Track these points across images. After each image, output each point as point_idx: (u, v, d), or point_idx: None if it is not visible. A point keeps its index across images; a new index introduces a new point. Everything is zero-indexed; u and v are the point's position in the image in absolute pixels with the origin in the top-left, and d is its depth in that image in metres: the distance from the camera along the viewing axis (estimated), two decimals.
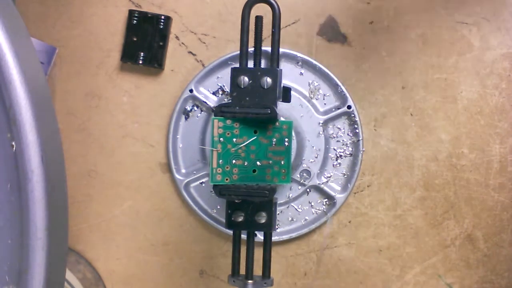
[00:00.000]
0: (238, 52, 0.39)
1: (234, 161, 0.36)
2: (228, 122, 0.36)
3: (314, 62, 0.47)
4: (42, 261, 0.26)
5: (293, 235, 0.48)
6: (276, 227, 0.47)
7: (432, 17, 0.48)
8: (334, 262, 0.48)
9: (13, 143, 0.26)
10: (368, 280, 0.48)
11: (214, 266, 0.49)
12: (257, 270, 0.38)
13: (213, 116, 0.36)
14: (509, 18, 0.48)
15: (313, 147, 0.47)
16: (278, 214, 0.48)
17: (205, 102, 0.48)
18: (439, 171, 0.48)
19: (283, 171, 0.37)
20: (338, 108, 0.47)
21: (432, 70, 0.48)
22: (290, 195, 0.48)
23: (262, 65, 0.41)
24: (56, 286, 0.28)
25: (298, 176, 0.47)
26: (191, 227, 0.49)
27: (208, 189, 0.48)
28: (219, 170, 0.36)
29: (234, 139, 0.36)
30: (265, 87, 0.37)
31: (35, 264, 0.26)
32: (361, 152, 0.47)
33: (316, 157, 0.47)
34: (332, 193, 0.47)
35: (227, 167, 0.36)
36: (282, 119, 0.37)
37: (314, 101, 0.48)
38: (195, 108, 0.48)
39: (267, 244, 0.39)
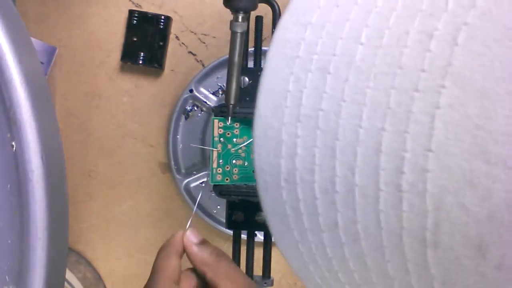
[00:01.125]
0: None
1: (234, 161, 0.36)
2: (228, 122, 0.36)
3: None
4: (42, 261, 0.26)
5: None
6: None
7: None
8: None
9: (13, 143, 0.26)
10: None
11: None
12: (257, 270, 0.38)
13: (213, 116, 0.36)
14: None
15: None
16: None
17: (205, 102, 0.48)
18: None
19: None
20: None
21: None
22: None
23: (262, 65, 0.41)
24: (56, 286, 0.28)
25: None
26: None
27: (208, 189, 0.48)
28: (219, 170, 0.36)
29: (234, 139, 0.36)
30: None
31: (35, 264, 0.26)
32: None
33: None
34: None
35: (227, 167, 0.36)
36: None
37: None
38: (195, 108, 0.48)
39: (267, 244, 0.39)
